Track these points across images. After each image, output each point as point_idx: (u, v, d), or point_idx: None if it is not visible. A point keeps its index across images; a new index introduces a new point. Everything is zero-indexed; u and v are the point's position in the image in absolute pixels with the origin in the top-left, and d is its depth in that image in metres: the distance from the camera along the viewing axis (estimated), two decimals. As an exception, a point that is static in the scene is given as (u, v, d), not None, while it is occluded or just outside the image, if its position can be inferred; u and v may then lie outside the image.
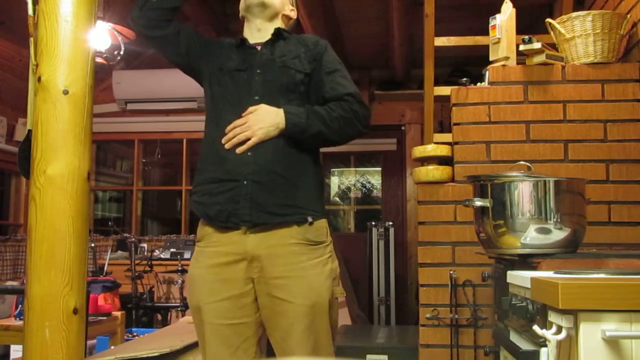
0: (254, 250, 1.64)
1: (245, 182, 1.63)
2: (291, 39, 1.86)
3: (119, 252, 5.40)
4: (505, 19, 2.62)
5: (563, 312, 1.22)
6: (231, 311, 1.63)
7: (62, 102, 1.54)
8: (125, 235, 4.92)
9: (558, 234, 1.83)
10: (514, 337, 1.73)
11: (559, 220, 1.82)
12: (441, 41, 3.10)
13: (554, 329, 1.28)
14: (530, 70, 2.62)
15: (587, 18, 2.54)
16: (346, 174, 6.66)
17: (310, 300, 1.62)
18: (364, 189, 6.56)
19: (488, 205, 1.89)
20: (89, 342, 2.79)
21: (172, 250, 5.50)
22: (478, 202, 1.92)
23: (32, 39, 1.58)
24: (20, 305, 3.13)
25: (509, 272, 1.74)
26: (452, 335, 2.58)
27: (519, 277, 1.61)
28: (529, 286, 1.45)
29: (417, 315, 2.82)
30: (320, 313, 1.64)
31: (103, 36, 3.56)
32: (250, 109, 1.69)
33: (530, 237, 1.83)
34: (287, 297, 1.62)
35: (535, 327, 1.33)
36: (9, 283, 4.39)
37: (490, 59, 2.70)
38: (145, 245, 5.62)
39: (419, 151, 2.78)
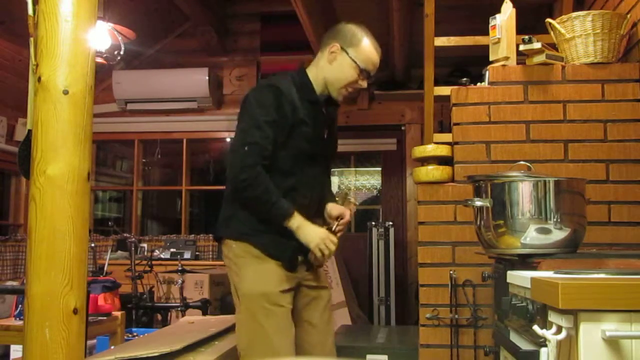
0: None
1: None
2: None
3: (119, 252, 5.40)
4: (505, 19, 2.62)
5: (563, 312, 1.22)
6: (291, 298, 2.03)
7: (62, 102, 1.54)
8: (125, 235, 4.91)
9: (558, 234, 1.83)
10: (514, 337, 1.73)
11: (559, 220, 1.82)
12: (441, 41, 3.10)
13: (554, 329, 1.28)
14: (530, 70, 2.62)
15: (587, 18, 2.54)
16: (346, 174, 6.65)
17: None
18: (364, 189, 6.56)
19: (488, 205, 1.89)
20: (89, 342, 2.79)
21: (172, 250, 5.50)
22: (478, 202, 1.92)
23: (32, 39, 1.58)
24: (20, 305, 3.12)
25: (509, 272, 1.74)
26: (452, 335, 2.58)
27: (519, 277, 1.61)
28: (529, 286, 1.45)
29: (417, 315, 2.82)
30: None
31: (103, 36, 3.56)
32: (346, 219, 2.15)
33: (530, 237, 1.83)
34: (324, 283, 2.18)
35: (535, 327, 1.33)
36: (9, 283, 4.39)
37: (490, 59, 2.69)
38: (145, 245, 5.62)
39: (419, 151, 2.78)
